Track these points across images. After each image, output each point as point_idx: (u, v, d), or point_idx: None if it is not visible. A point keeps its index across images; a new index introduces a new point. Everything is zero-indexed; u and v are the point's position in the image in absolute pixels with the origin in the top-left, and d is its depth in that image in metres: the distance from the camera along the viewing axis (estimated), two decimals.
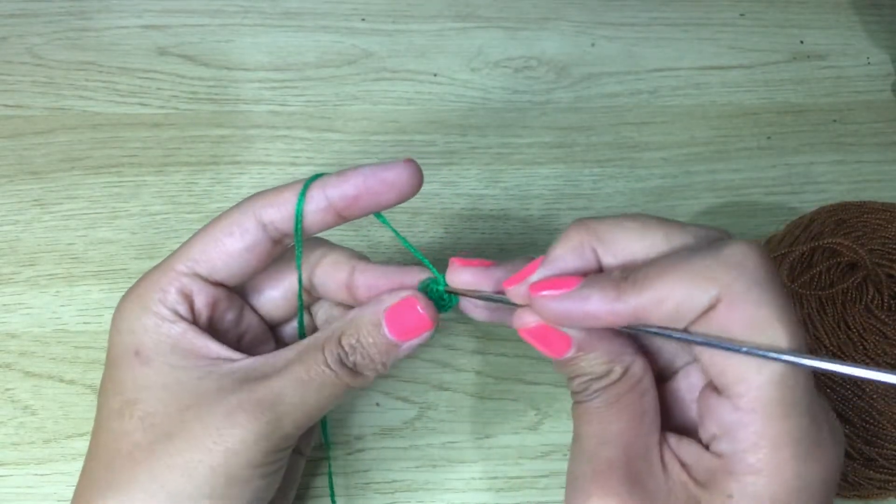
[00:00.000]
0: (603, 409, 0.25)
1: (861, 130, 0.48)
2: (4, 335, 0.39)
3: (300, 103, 0.47)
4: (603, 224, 0.24)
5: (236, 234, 0.27)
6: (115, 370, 0.27)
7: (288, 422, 0.26)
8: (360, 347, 0.26)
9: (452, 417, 0.38)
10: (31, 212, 0.42)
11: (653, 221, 0.24)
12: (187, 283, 0.27)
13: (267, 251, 0.28)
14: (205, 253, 0.27)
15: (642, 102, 0.49)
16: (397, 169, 0.27)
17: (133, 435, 0.25)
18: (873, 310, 0.30)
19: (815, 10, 0.53)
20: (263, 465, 0.26)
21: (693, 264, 0.22)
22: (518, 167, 0.46)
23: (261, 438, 0.25)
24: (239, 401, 0.25)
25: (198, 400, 0.25)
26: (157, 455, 0.25)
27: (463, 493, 0.36)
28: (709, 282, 0.21)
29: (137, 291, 0.27)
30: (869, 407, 0.30)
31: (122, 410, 0.26)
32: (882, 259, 0.32)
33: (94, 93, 0.46)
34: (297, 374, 0.26)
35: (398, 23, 0.51)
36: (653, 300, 0.22)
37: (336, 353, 0.26)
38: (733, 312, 0.21)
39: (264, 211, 0.27)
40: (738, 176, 0.46)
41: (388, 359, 0.27)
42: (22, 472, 0.35)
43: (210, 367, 0.26)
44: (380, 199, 0.27)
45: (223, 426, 0.25)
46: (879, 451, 0.30)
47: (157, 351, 0.26)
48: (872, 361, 0.30)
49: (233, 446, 0.25)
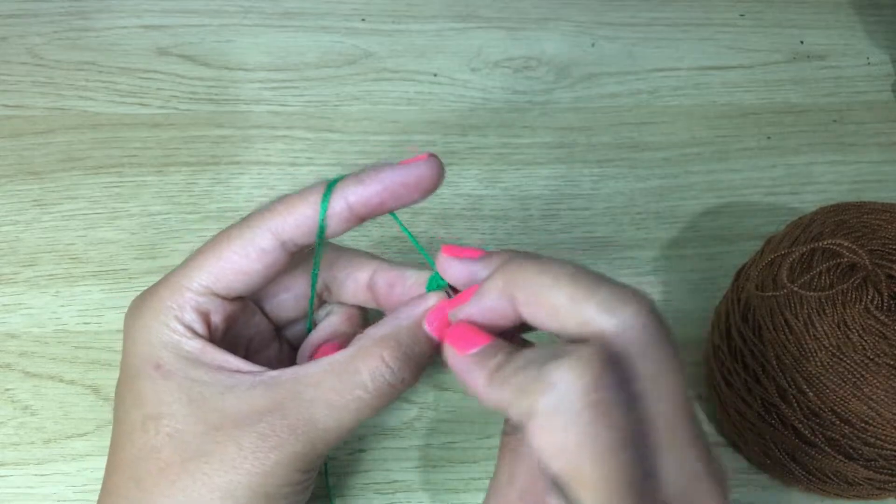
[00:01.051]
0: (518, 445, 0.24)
1: (861, 130, 0.48)
2: (4, 335, 0.39)
3: (300, 103, 0.47)
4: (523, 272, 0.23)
5: (253, 255, 0.26)
6: (133, 382, 0.26)
7: (321, 445, 0.25)
8: (407, 360, 0.26)
9: (452, 417, 0.38)
10: (31, 212, 0.42)
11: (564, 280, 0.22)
12: (204, 303, 0.27)
13: (284, 264, 0.27)
14: (220, 274, 0.26)
15: (642, 102, 0.49)
16: (419, 168, 0.26)
17: (162, 452, 0.25)
18: (873, 311, 0.30)
19: (815, 10, 0.53)
20: (299, 483, 0.26)
21: (524, 374, 0.21)
22: (518, 167, 0.46)
23: (296, 460, 0.25)
24: (271, 425, 0.25)
25: (227, 419, 0.25)
26: (191, 475, 0.25)
27: (463, 493, 0.36)
28: (526, 396, 0.21)
29: (151, 306, 0.27)
30: (869, 408, 0.30)
31: (146, 425, 0.26)
32: (882, 260, 0.32)
33: (94, 93, 0.46)
34: (330, 401, 0.25)
35: (398, 23, 0.50)
36: (501, 403, 0.22)
37: (380, 374, 0.25)
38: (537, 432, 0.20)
39: (283, 228, 0.26)
40: (738, 176, 0.46)
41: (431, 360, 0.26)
42: (22, 472, 0.35)
43: (232, 382, 0.26)
44: (403, 200, 0.26)
45: (259, 450, 0.24)
46: (879, 451, 0.30)
47: (177, 365, 0.26)
48: (872, 362, 0.30)
49: (270, 469, 0.25)
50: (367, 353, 0.26)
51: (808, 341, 0.31)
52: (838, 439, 0.31)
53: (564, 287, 0.22)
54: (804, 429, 0.32)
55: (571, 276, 0.22)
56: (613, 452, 0.20)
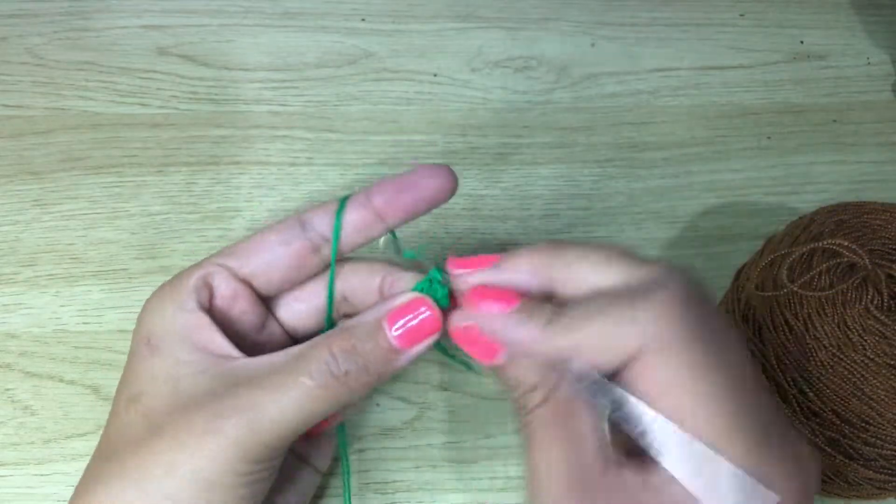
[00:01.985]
0: (542, 429, 0.23)
1: (861, 130, 0.48)
2: (4, 335, 0.39)
3: (300, 103, 0.47)
4: (570, 250, 0.23)
5: (274, 228, 0.27)
6: (130, 361, 0.27)
7: (265, 433, 0.24)
8: (353, 354, 0.25)
9: (452, 417, 0.38)
10: (31, 212, 0.42)
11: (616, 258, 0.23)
12: (213, 272, 0.27)
13: (303, 256, 0.27)
14: (239, 247, 0.27)
15: (642, 102, 0.49)
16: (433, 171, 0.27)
17: (134, 428, 0.26)
18: (873, 311, 0.30)
19: (815, 10, 0.53)
20: (246, 474, 0.25)
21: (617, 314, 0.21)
22: (518, 167, 0.46)
23: (237, 446, 0.24)
24: (222, 406, 0.25)
25: (189, 399, 0.25)
26: (150, 450, 0.25)
27: (463, 494, 0.36)
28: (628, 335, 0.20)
29: (168, 283, 0.28)
30: (869, 408, 0.30)
31: (128, 404, 0.26)
32: (882, 260, 0.32)
33: (94, 93, 0.46)
34: (275, 383, 0.25)
35: (398, 23, 0.50)
36: (579, 343, 0.21)
37: (324, 363, 0.25)
38: (647, 370, 0.20)
39: (306, 217, 0.27)
40: (738, 176, 0.46)
41: (384, 368, 0.25)
42: (22, 473, 0.35)
43: (209, 365, 0.26)
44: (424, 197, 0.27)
45: (205, 430, 0.24)
46: (879, 451, 0.30)
47: (165, 340, 0.26)
48: (872, 362, 0.30)
49: (211, 452, 0.24)
50: (319, 343, 0.25)
51: (808, 341, 0.31)
52: (838, 439, 0.31)
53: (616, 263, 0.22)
54: (804, 429, 0.32)
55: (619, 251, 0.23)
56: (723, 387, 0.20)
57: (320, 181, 0.44)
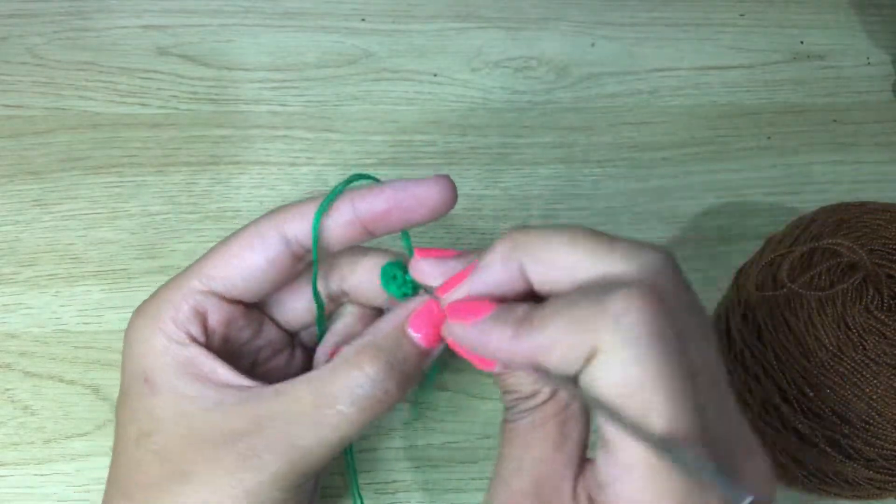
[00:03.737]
0: (526, 432, 0.23)
1: (861, 130, 0.48)
2: (4, 335, 0.39)
3: (300, 103, 0.47)
4: (531, 237, 0.22)
5: (256, 246, 0.26)
6: (127, 398, 0.26)
7: (303, 464, 0.24)
8: (390, 369, 0.24)
9: (452, 417, 0.38)
10: (31, 212, 0.42)
11: (581, 238, 0.22)
12: (201, 301, 0.26)
13: (288, 267, 0.27)
14: (222, 269, 0.26)
15: (642, 102, 0.49)
16: (430, 184, 0.25)
17: (150, 468, 0.25)
18: (873, 310, 0.30)
19: (815, 10, 0.53)
20: (283, 501, 0.25)
21: (575, 311, 0.20)
22: (518, 167, 0.46)
23: (278, 479, 0.24)
24: (252, 445, 0.24)
25: (209, 437, 0.25)
26: (173, 494, 0.24)
27: (463, 494, 0.36)
28: (586, 332, 0.20)
29: (150, 309, 0.26)
30: (869, 408, 0.30)
31: (138, 441, 0.25)
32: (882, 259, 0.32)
33: (94, 93, 0.46)
34: (311, 417, 0.24)
35: (398, 23, 0.50)
36: (543, 345, 0.21)
37: (359, 386, 0.24)
38: (601, 371, 0.19)
39: (287, 225, 0.26)
40: (738, 176, 0.46)
41: (418, 373, 0.25)
42: (22, 472, 0.35)
43: (218, 397, 0.25)
44: (410, 216, 0.26)
45: (238, 470, 0.24)
46: (879, 451, 0.30)
47: (164, 376, 0.25)
48: (872, 362, 0.30)
49: (251, 488, 0.24)
50: (347, 364, 0.25)
51: (809, 341, 0.31)
52: (838, 439, 0.31)
53: (582, 243, 0.22)
54: (804, 429, 0.32)
55: (585, 232, 0.22)
56: (686, 385, 0.19)
57: (320, 181, 0.44)
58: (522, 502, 0.23)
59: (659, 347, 0.19)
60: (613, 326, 0.19)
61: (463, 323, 0.23)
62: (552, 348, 0.20)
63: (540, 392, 0.23)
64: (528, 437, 0.23)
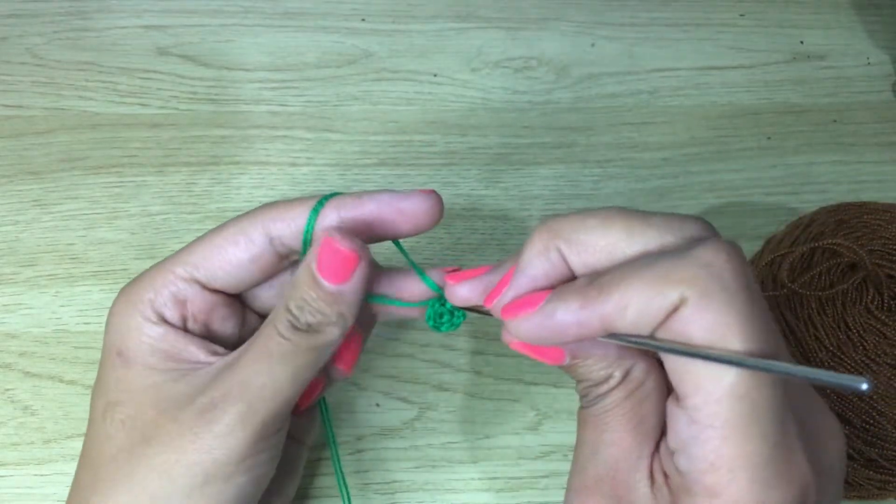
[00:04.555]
0: (601, 416, 0.24)
1: (861, 130, 0.48)
2: (4, 335, 0.39)
3: (300, 103, 0.47)
4: (565, 223, 0.23)
5: (241, 244, 0.26)
6: (101, 371, 0.27)
7: (261, 407, 0.25)
8: (306, 305, 0.25)
9: (452, 417, 0.38)
10: (31, 212, 0.42)
11: (616, 216, 0.22)
12: (183, 288, 0.27)
13: (272, 264, 0.27)
14: (206, 259, 0.27)
15: (642, 102, 0.49)
16: (416, 199, 0.26)
17: (115, 438, 0.26)
18: (873, 310, 0.30)
19: (815, 10, 0.53)
20: (245, 459, 0.25)
21: (657, 266, 0.21)
22: (518, 167, 0.46)
23: (235, 430, 0.24)
24: (210, 398, 0.25)
25: (173, 401, 0.25)
26: (136, 458, 0.25)
27: (463, 494, 0.36)
28: (670, 284, 0.20)
29: (131, 289, 0.27)
30: (869, 408, 0.30)
31: (105, 413, 0.26)
32: (882, 259, 0.32)
33: (94, 93, 0.46)
34: (255, 355, 0.25)
35: (398, 23, 0.50)
36: (616, 306, 0.21)
37: (286, 320, 0.25)
38: (695, 316, 0.20)
39: (273, 224, 0.26)
40: (738, 176, 0.46)
41: (339, 308, 0.25)
42: (22, 473, 0.35)
43: (189, 370, 0.26)
44: (394, 229, 0.26)
45: (196, 424, 0.24)
46: (879, 451, 0.30)
47: (138, 352, 0.26)
48: (872, 362, 0.30)
49: (209, 443, 0.24)
50: (278, 304, 0.26)
51: (809, 341, 0.31)
52: None
53: (617, 222, 0.22)
54: None
55: (619, 211, 0.22)
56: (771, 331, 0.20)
57: (320, 181, 0.44)
58: (596, 488, 0.23)
59: (748, 295, 0.20)
60: (706, 273, 0.20)
61: (524, 316, 0.23)
62: (627, 307, 0.21)
63: (612, 376, 0.24)
64: (602, 421, 0.24)
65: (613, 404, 0.24)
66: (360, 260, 0.25)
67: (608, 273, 0.22)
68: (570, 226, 0.23)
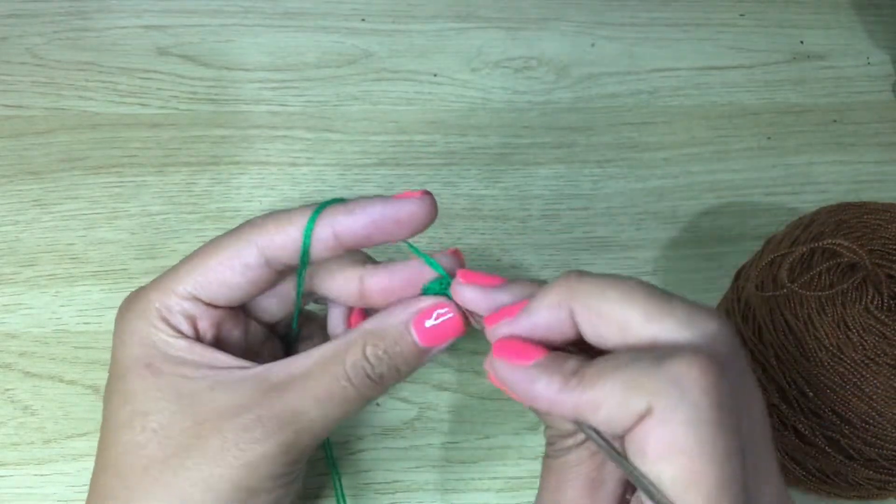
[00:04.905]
0: (562, 470, 0.24)
1: (861, 130, 0.48)
2: (4, 335, 0.39)
3: (300, 103, 0.47)
4: (586, 287, 0.22)
5: (237, 268, 0.26)
6: (123, 381, 0.26)
7: (307, 436, 0.25)
8: (387, 358, 0.26)
9: (452, 417, 0.38)
10: (31, 212, 0.42)
11: (638, 295, 0.22)
12: (190, 308, 0.27)
13: (269, 281, 0.27)
14: (205, 283, 0.27)
15: (642, 102, 0.49)
16: (411, 206, 0.26)
17: (147, 448, 0.25)
18: (873, 310, 0.30)
19: (815, 10, 0.53)
20: (283, 476, 0.26)
21: (632, 371, 0.20)
22: (518, 167, 0.46)
23: (280, 453, 0.25)
24: (257, 416, 0.25)
25: (213, 413, 0.25)
26: (174, 470, 0.25)
27: (463, 494, 0.36)
28: (640, 393, 0.20)
29: (140, 307, 0.27)
30: (869, 408, 0.30)
31: (132, 422, 0.26)
32: (882, 259, 0.32)
33: (94, 93, 0.46)
34: (317, 392, 0.25)
35: (398, 23, 0.51)
36: (590, 403, 0.21)
37: (361, 367, 0.26)
38: (655, 429, 0.19)
39: (268, 246, 0.26)
40: (738, 176, 0.46)
41: (414, 367, 0.26)
42: (22, 473, 0.35)
43: (222, 377, 0.26)
44: (391, 236, 0.26)
45: (242, 441, 0.24)
46: (879, 451, 0.30)
47: (167, 363, 0.26)
48: (872, 362, 0.30)
49: (253, 460, 0.24)
50: (352, 344, 0.26)
51: (808, 341, 0.31)
52: (838, 439, 0.31)
53: (638, 302, 0.21)
54: (804, 429, 0.32)
55: (644, 290, 0.22)
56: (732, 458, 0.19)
57: (320, 181, 0.44)
58: None
59: (716, 417, 0.19)
60: (673, 387, 0.19)
61: (510, 363, 0.23)
62: (600, 405, 0.20)
63: (578, 433, 0.23)
64: (563, 476, 0.24)
65: (576, 462, 0.23)
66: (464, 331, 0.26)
67: (595, 365, 0.21)
68: (590, 292, 0.22)
